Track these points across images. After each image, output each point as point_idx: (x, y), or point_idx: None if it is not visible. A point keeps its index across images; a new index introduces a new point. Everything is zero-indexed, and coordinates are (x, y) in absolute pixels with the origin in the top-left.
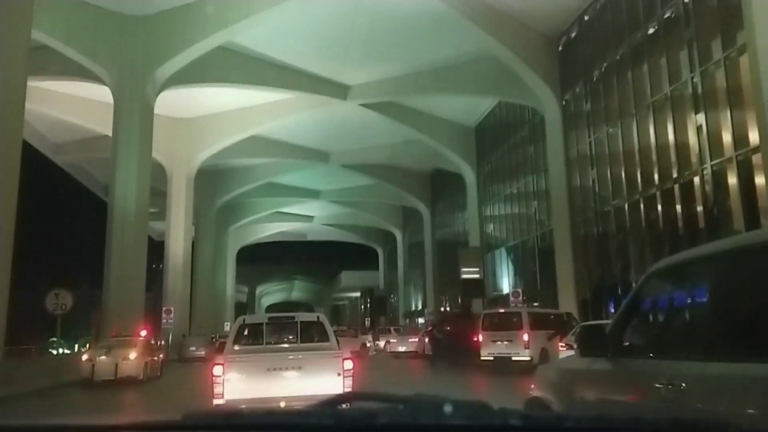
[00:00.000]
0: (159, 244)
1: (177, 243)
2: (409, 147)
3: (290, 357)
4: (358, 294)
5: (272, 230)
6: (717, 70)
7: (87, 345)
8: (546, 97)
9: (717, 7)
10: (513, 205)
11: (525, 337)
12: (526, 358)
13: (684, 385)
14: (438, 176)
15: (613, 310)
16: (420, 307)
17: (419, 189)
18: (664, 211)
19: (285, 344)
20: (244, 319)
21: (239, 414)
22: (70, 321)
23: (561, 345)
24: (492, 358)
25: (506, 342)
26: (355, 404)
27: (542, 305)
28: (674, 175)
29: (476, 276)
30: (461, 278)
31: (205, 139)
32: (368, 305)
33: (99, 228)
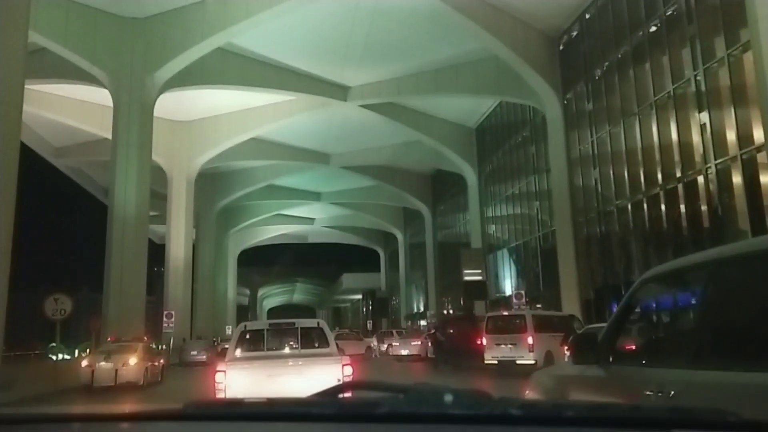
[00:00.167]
0: (160, 248)
1: (178, 246)
2: (410, 148)
3: (291, 363)
4: (360, 296)
5: (273, 233)
6: (720, 68)
7: (87, 350)
8: (547, 97)
9: (720, 4)
10: (515, 206)
11: (530, 341)
12: (531, 362)
13: (672, 393)
14: (439, 177)
15: None
16: (422, 309)
17: (420, 190)
18: (668, 211)
19: (286, 350)
20: (246, 326)
21: (240, 404)
22: (71, 326)
23: (567, 348)
24: (496, 362)
25: (510, 345)
26: (356, 394)
27: (545, 307)
28: (678, 175)
29: (478, 278)
30: (463, 280)
31: (205, 142)
32: (370, 307)
33: (100, 232)
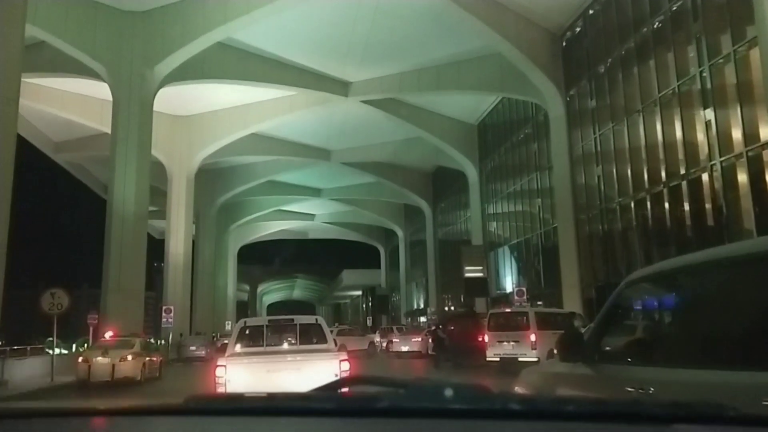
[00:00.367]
0: (160, 243)
1: (177, 242)
2: (411, 144)
3: (289, 358)
4: (360, 293)
5: (273, 228)
6: (726, 65)
7: (85, 345)
8: (550, 94)
9: (726, 0)
10: (516, 203)
11: (532, 338)
12: (534, 359)
13: (652, 390)
14: (440, 174)
15: None
16: (422, 306)
17: (421, 187)
18: (671, 209)
19: (284, 346)
20: (246, 322)
21: (241, 398)
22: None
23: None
24: (498, 359)
25: (513, 343)
26: (356, 388)
27: (546, 304)
28: (682, 172)
29: (480, 274)
30: (464, 277)
31: (206, 137)
32: (370, 304)
33: (101, 228)
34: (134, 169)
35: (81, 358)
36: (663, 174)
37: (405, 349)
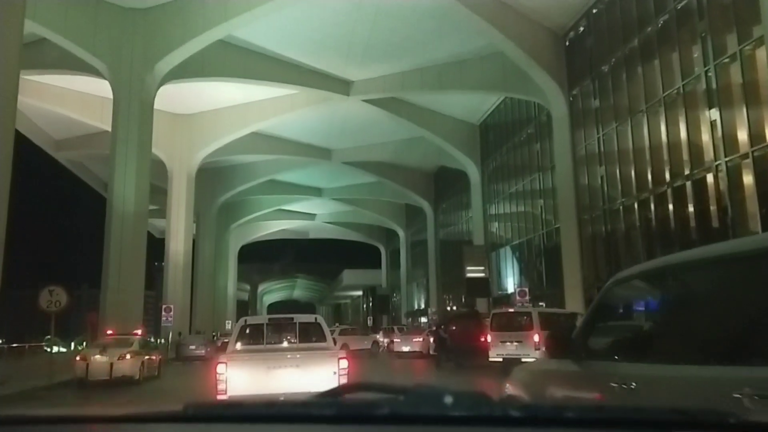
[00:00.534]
0: (160, 242)
1: (178, 241)
2: (413, 144)
3: (289, 356)
4: (360, 293)
5: (274, 228)
6: (732, 64)
7: (83, 343)
8: (553, 93)
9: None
10: (518, 203)
11: (535, 338)
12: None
13: (634, 385)
14: (442, 174)
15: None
16: (423, 307)
17: (423, 187)
18: (675, 210)
19: (284, 344)
20: (246, 320)
21: (240, 404)
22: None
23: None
24: (501, 360)
25: (516, 343)
26: (356, 395)
27: (548, 305)
28: (686, 172)
29: (481, 275)
30: (466, 277)
31: (206, 136)
32: (370, 304)
33: (100, 226)
34: (134, 168)
35: (79, 357)
36: (667, 174)
37: (406, 349)
